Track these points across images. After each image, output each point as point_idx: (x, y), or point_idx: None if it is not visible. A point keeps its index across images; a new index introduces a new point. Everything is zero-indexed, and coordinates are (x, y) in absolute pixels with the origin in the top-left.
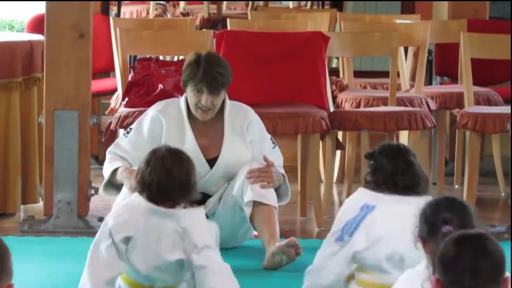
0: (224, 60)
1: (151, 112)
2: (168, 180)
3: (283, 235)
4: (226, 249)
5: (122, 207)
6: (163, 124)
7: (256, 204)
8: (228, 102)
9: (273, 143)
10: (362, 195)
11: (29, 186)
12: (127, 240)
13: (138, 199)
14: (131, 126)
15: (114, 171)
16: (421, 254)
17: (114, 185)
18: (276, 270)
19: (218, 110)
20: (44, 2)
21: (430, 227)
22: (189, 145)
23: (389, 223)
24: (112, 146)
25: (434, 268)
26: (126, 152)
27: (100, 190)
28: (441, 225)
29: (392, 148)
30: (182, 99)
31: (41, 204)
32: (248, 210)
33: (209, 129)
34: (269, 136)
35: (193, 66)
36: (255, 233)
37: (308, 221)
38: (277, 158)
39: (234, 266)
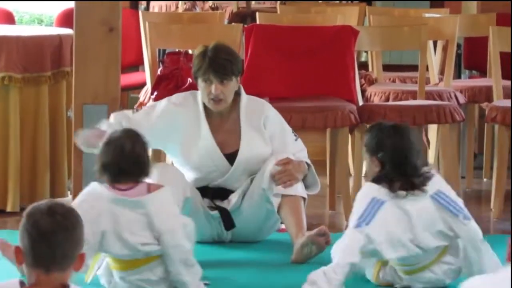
0: (233, 49)
1: (165, 102)
2: (125, 159)
3: (311, 229)
4: (252, 243)
5: (87, 197)
6: (180, 117)
7: (283, 195)
8: (245, 96)
9: (295, 135)
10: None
11: (58, 180)
12: (103, 233)
13: (99, 189)
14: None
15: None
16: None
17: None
18: (305, 263)
19: (234, 104)
20: None
21: None
22: (205, 141)
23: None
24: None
25: None
26: (131, 118)
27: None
28: None
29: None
30: (199, 93)
31: (69, 197)
32: (276, 201)
33: (226, 124)
34: (290, 128)
35: (200, 57)
36: (282, 226)
37: (337, 215)
38: (300, 150)
39: (262, 260)
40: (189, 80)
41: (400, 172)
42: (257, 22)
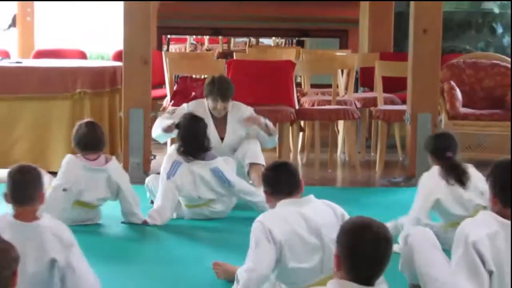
0: (229, 80)
1: (184, 107)
2: (90, 139)
3: None
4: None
5: (68, 167)
6: None
7: (251, 163)
8: (231, 103)
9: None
10: (174, 154)
11: (114, 154)
12: (80, 190)
13: (76, 160)
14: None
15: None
16: None
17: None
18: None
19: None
20: (122, 41)
21: None
22: (212, 131)
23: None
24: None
25: None
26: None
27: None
28: None
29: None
30: (205, 101)
31: (121, 165)
32: (247, 168)
33: (222, 120)
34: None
35: (211, 85)
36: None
37: None
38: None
39: (238, 203)
40: (193, 93)
41: (191, 145)
42: (234, 58)
